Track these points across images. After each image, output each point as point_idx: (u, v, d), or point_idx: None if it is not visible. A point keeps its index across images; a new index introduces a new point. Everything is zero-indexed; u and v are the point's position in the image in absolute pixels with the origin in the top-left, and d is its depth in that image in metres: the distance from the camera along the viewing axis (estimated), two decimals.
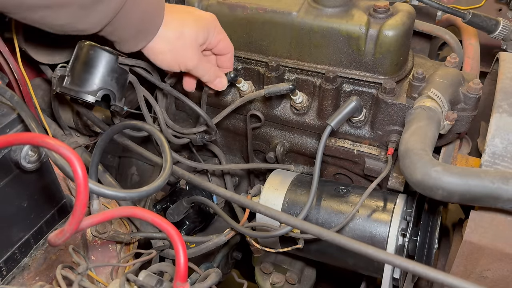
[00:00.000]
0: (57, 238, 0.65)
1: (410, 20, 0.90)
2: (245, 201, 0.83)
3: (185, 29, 0.85)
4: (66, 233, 0.64)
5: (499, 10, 1.30)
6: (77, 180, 0.60)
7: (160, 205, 1.17)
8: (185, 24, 0.86)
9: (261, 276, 1.25)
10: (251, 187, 1.25)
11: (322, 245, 0.96)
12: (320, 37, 0.93)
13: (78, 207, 0.61)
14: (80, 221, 0.63)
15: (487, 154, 0.72)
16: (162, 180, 0.77)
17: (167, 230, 0.70)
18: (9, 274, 0.80)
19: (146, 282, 0.74)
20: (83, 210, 0.62)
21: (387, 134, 0.95)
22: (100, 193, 0.67)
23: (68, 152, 0.59)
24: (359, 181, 1.07)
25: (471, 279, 0.76)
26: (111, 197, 0.70)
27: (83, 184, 0.60)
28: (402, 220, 0.90)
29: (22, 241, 0.82)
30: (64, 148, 0.57)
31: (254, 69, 1.04)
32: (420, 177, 0.68)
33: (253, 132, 1.12)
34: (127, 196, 0.71)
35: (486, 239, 0.71)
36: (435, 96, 0.80)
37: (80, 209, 0.61)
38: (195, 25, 0.87)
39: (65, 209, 0.91)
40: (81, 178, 0.60)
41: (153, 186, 0.75)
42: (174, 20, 0.85)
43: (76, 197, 0.61)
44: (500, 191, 0.64)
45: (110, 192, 0.68)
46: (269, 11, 0.95)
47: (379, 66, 0.92)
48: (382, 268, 0.89)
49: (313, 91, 1.01)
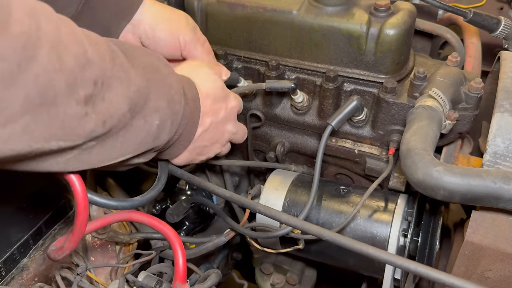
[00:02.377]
0: (57, 255, 0.66)
1: (411, 19, 0.90)
2: (245, 201, 0.83)
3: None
4: (66, 250, 0.65)
5: (501, 8, 1.30)
6: (77, 198, 0.59)
7: (160, 206, 1.17)
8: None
9: (261, 277, 1.25)
10: (251, 187, 1.24)
11: (323, 246, 0.96)
12: (320, 36, 0.93)
13: (77, 226, 0.62)
14: (80, 238, 0.64)
15: (489, 153, 0.72)
16: (156, 190, 0.76)
17: (165, 231, 0.70)
18: (8, 275, 0.80)
19: (145, 283, 0.73)
20: (83, 229, 0.62)
21: (388, 133, 0.94)
22: (92, 201, 0.66)
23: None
24: (360, 181, 1.07)
25: (472, 279, 0.75)
26: (102, 205, 0.68)
27: (83, 204, 0.60)
28: (403, 220, 0.89)
29: (21, 242, 0.82)
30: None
31: (254, 68, 1.03)
32: (422, 177, 0.67)
33: (253, 132, 1.11)
34: (118, 206, 0.69)
35: (487, 239, 0.70)
36: (437, 96, 0.80)
37: (80, 228, 0.62)
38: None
39: (64, 210, 0.91)
40: (81, 197, 0.60)
41: (146, 196, 0.74)
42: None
43: (76, 216, 0.61)
44: (502, 191, 0.63)
45: (102, 201, 0.67)
46: (269, 10, 0.95)
47: (380, 65, 0.91)
48: (383, 269, 0.89)
49: (314, 91, 1.00)
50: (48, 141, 0.46)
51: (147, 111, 0.59)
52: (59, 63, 0.44)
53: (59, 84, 0.44)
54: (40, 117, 0.44)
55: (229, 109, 0.83)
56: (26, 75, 0.41)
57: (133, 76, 0.56)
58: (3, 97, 0.40)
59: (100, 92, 0.50)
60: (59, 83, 0.44)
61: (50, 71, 0.43)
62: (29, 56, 0.41)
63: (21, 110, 0.42)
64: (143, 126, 0.59)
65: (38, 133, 0.45)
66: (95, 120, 0.50)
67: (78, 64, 0.47)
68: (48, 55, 0.43)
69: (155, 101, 0.60)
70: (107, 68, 0.51)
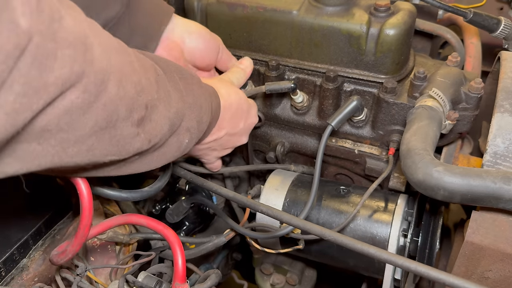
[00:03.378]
0: (59, 259, 0.66)
1: (411, 19, 0.90)
2: (246, 201, 0.83)
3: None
4: (68, 254, 0.65)
5: (501, 9, 1.30)
6: (83, 202, 0.60)
7: (160, 206, 1.17)
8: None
9: (261, 277, 1.25)
10: (251, 187, 1.24)
11: (323, 246, 0.96)
12: (320, 36, 0.93)
13: (81, 229, 0.62)
14: (83, 242, 0.64)
15: (489, 154, 0.72)
16: (163, 181, 0.78)
17: (163, 232, 0.71)
18: (8, 275, 0.80)
19: (145, 283, 0.73)
20: (86, 233, 0.63)
21: (388, 134, 0.94)
22: (103, 194, 0.68)
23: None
24: (360, 181, 1.07)
25: (472, 279, 0.75)
26: (114, 197, 0.70)
27: (88, 208, 0.61)
28: (404, 220, 0.89)
29: (21, 242, 0.81)
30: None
31: (254, 68, 1.03)
32: (422, 177, 0.67)
33: (253, 132, 1.11)
34: (129, 197, 0.71)
35: (487, 239, 0.70)
36: (437, 96, 0.80)
37: (83, 232, 0.63)
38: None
39: (64, 210, 0.91)
40: (87, 201, 0.61)
41: (155, 186, 0.76)
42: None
43: (80, 220, 0.62)
44: (502, 191, 0.63)
45: (113, 193, 0.69)
46: (269, 10, 0.95)
47: (380, 65, 0.91)
48: (383, 269, 0.89)
49: (314, 91, 1.00)
50: (105, 156, 0.52)
51: (181, 131, 0.65)
52: (123, 92, 0.50)
53: (121, 109, 0.50)
54: (102, 138, 0.50)
55: (247, 124, 0.88)
56: (98, 103, 0.46)
57: (173, 98, 0.62)
58: (79, 121, 0.45)
59: (149, 114, 0.56)
60: (121, 109, 0.50)
61: (116, 100, 0.49)
62: (103, 88, 0.46)
63: (89, 133, 0.47)
64: (175, 144, 0.65)
65: (99, 152, 0.51)
66: (143, 139, 0.56)
67: (136, 92, 0.52)
68: (116, 86, 0.49)
69: (187, 122, 0.65)
70: (154, 91, 0.57)
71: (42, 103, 0.40)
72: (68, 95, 0.42)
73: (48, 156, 0.45)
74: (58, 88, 0.41)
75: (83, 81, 0.43)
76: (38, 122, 0.42)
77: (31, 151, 0.44)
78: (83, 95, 0.44)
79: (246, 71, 0.96)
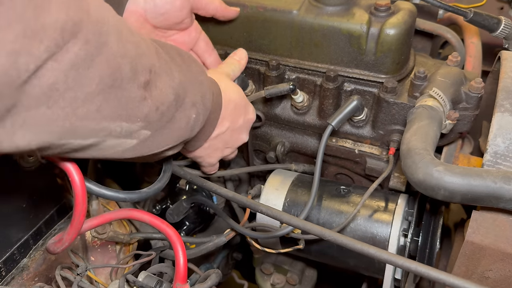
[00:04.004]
0: (56, 247, 0.65)
1: (411, 19, 0.90)
2: (246, 201, 0.83)
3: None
4: (65, 242, 0.64)
5: (501, 8, 1.30)
6: (75, 189, 0.59)
7: (160, 206, 1.17)
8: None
9: (262, 277, 1.25)
10: (251, 187, 1.24)
11: (323, 246, 0.96)
12: (320, 35, 0.92)
13: (76, 217, 0.61)
14: (79, 230, 0.63)
15: (489, 153, 0.72)
16: (163, 182, 0.77)
17: (166, 231, 0.70)
18: (8, 275, 0.80)
19: (145, 283, 0.73)
20: (82, 220, 0.62)
21: (388, 133, 0.94)
22: (100, 194, 0.67)
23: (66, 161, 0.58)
24: (360, 181, 1.07)
25: (472, 279, 0.75)
26: (111, 198, 0.69)
27: (81, 194, 0.60)
28: (404, 220, 0.89)
29: (21, 242, 0.81)
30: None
31: (254, 68, 1.03)
32: (422, 177, 0.67)
33: (254, 132, 1.11)
34: (127, 198, 0.70)
35: (488, 239, 0.70)
36: (437, 95, 0.80)
37: (79, 219, 0.61)
38: None
39: (64, 210, 0.91)
40: (79, 187, 0.59)
41: (153, 188, 0.75)
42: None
43: (74, 207, 0.61)
44: (502, 191, 0.63)
45: (110, 193, 0.68)
46: (269, 10, 0.95)
47: (381, 65, 0.91)
48: (383, 269, 0.89)
49: (314, 90, 1.00)
50: (114, 121, 0.52)
51: (187, 105, 0.64)
52: (124, 50, 0.50)
53: (125, 68, 0.50)
54: (110, 98, 0.50)
55: (247, 119, 0.87)
56: (101, 58, 0.46)
57: (174, 70, 0.62)
58: (85, 76, 0.45)
59: (154, 80, 0.56)
60: (125, 68, 0.50)
61: (118, 57, 0.49)
62: (103, 41, 0.47)
63: (96, 90, 0.47)
64: (184, 119, 0.65)
65: (107, 113, 0.50)
66: (150, 105, 0.56)
67: (137, 52, 0.53)
68: (117, 42, 0.49)
69: (192, 96, 0.65)
70: (156, 60, 0.57)
71: (44, 48, 0.40)
72: (71, 48, 0.43)
73: (59, 120, 0.46)
74: (57, 33, 0.41)
75: (83, 31, 0.43)
76: (46, 79, 0.42)
77: (41, 116, 0.44)
78: (86, 47, 0.44)
79: (241, 63, 0.94)
